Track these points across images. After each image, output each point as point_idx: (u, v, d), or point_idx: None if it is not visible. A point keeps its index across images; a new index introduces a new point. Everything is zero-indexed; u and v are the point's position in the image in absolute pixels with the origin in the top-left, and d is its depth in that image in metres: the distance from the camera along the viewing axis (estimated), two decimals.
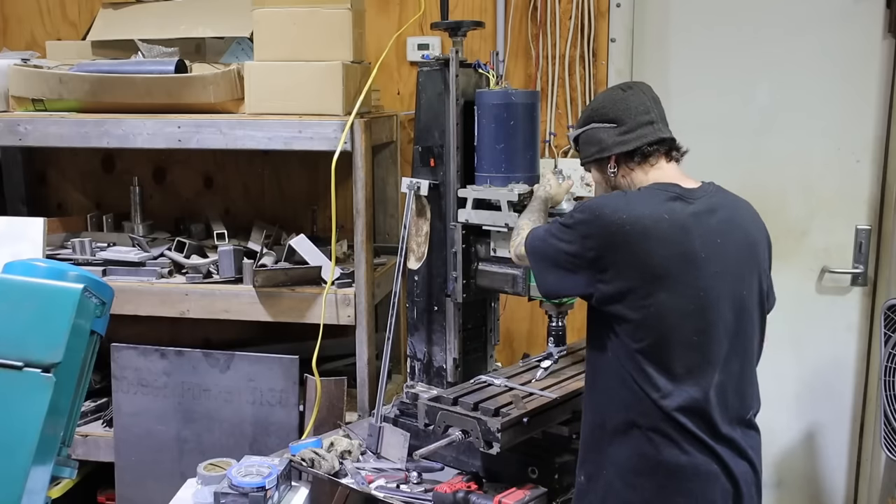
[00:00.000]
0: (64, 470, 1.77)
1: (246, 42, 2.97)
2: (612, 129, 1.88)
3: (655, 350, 1.73)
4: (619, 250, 1.72)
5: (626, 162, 1.88)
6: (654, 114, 1.90)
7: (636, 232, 1.71)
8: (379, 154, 3.19)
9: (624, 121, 1.87)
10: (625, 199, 1.79)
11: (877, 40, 3.01)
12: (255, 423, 2.83)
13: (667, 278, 1.71)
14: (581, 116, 1.98)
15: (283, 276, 2.79)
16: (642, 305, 1.72)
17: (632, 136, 1.86)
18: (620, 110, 1.88)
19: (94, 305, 1.75)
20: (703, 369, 1.75)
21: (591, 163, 1.95)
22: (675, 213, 1.75)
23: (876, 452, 3.08)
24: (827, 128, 3.08)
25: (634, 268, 1.72)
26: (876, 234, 3.10)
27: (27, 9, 3.50)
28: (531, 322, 3.29)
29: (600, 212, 1.75)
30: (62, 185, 3.54)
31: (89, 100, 2.82)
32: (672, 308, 1.72)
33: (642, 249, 1.71)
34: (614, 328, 1.77)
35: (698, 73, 3.16)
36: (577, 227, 1.78)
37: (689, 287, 1.72)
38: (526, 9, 3.14)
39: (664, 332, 1.72)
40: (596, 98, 1.98)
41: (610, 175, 1.90)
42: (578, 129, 1.96)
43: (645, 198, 1.79)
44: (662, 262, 1.71)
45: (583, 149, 1.96)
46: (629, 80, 1.94)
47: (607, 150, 1.88)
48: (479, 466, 2.29)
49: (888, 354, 2.71)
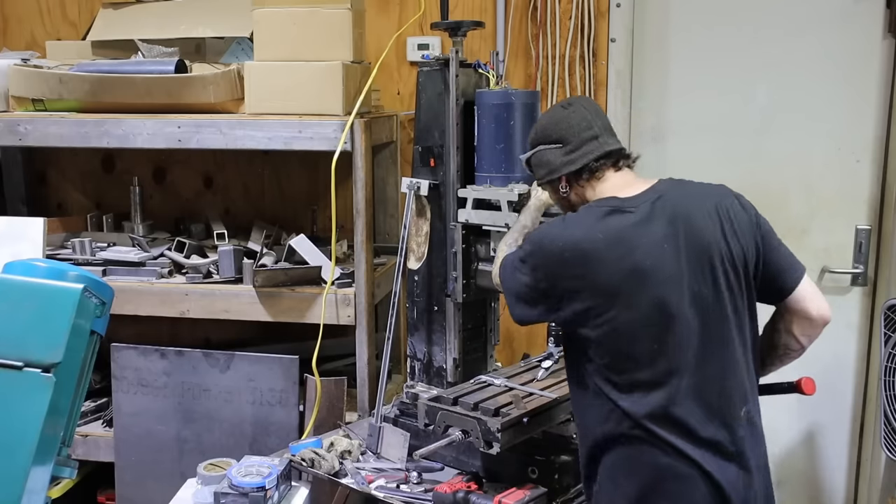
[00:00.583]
0: (64, 470, 1.77)
1: (246, 42, 2.97)
2: (558, 150, 1.89)
3: (618, 364, 1.75)
4: (564, 277, 1.75)
5: (576, 180, 1.89)
6: (597, 127, 1.90)
7: (576, 257, 1.74)
8: (379, 154, 3.18)
9: (569, 140, 1.88)
10: (562, 225, 1.82)
11: (877, 40, 3.01)
12: (255, 423, 2.83)
13: (616, 295, 1.72)
14: (529, 138, 1.99)
15: (283, 276, 2.79)
16: (598, 325, 1.74)
17: (577, 155, 1.87)
18: (563, 129, 1.89)
19: (94, 305, 1.75)
20: (669, 376, 1.73)
21: (545, 184, 1.96)
22: (611, 229, 1.75)
23: (876, 452, 3.08)
24: (827, 128, 3.08)
25: (583, 290, 1.74)
26: (876, 234, 3.10)
27: (27, 9, 3.50)
28: None
29: (541, 243, 1.80)
30: (62, 185, 3.54)
31: (89, 100, 2.82)
32: (627, 322, 1.73)
33: (586, 272, 1.73)
34: (580, 347, 1.79)
35: (698, 72, 3.15)
36: (528, 260, 1.82)
37: (641, 299, 1.72)
38: (526, 9, 3.14)
39: (622, 346, 1.74)
40: (539, 119, 2.00)
41: (563, 195, 1.92)
42: (528, 153, 1.97)
43: (580, 219, 1.80)
44: (608, 280, 1.72)
45: (535, 171, 1.97)
46: (569, 97, 1.92)
47: (556, 171, 1.90)
48: (479, 466, 2.29)
49: (888, 354, 2.71)
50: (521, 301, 1.86)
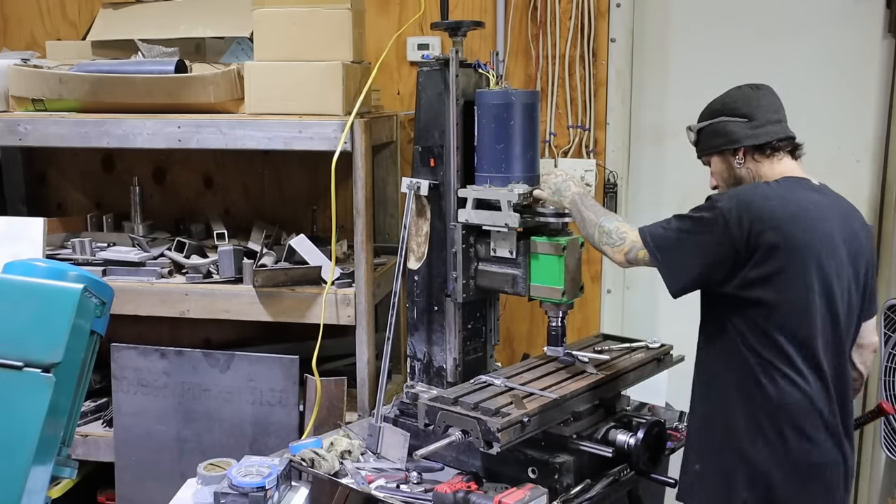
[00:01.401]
0: (64, 470, 1.77)
1: (246, 42, 2.97)
2: (743, 124, 2.00)
3: (791, 329, 1.87)
4: (769, 234, 1.84)
5: (754, 154, 2.00)
6: (782, 114, 2.04)
7: (786, 217, 1.85)
8: (379, 154, 3.18)
9: (756, 116, 2.00)
10: (767, 188, 1.93)
11: (877, 40, 3.01)
12: (255, 423, 2.83)
13: (807, 260, 1.86)
14: (706, 110, 2.09)
15: (283, 276, 2.79)
16: (783, 288, 1.85)
17: (763, 131, 1.99)
18: (753, 107, 2.01)
19: (94, 305, 1.75)
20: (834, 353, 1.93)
21: (715, 153, 2.06)
22: (815, 203, 1.92)
23: (876, 452, 3.08)
24: (827, 127, 3.08)
25: (782, 249, 1.84)
26: (876, 234, 3.10)
27: (27, 9, 3.50)
28: (531, 322, 3.29)
29: (750, 199, 1.88)
30: (62, 185, 3.54)
31: (89, 100, 2.82)
32: (808, 289, 1.86)
33: (790, 233, 1.85)
34: (748, 312, 1.88)
35: (698, 73, 3.16)
36: (728, 216, 1.86)
37: (823, 271, 1.88)
38: (526, 9, 3.14)
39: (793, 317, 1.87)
40: (726, 93, 2.08)
41: (736, 165, 2.02)
42: (706, 122, 2.07)
43: (786, 187, 1.93)
44: (806, 243, 1.86)
45: (706, 140, 2.07)
46: (755, 82, 2.10)
47: (737, 142, 2.01)
48: (479, 466, 2.30)
49: (888, 354, 2.72)
50: (696, 259, 1.90)
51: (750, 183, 2.00)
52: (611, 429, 2.27)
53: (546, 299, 2.30)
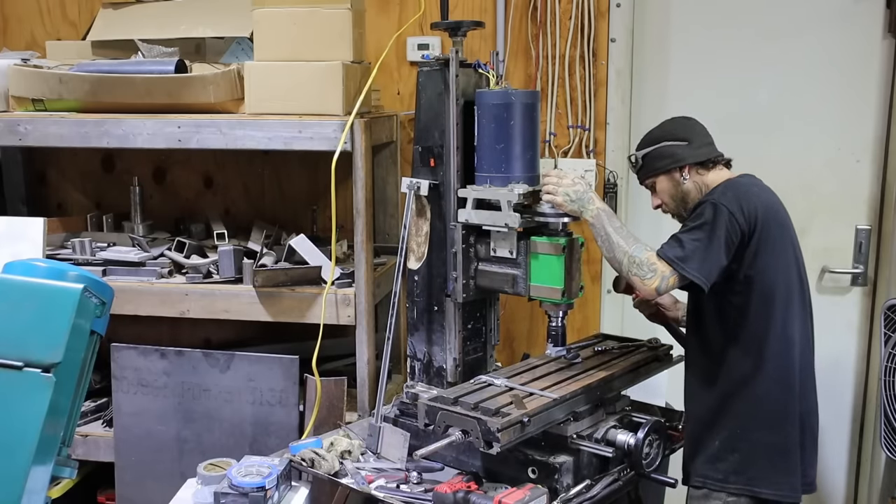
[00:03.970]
0: (64, 470, 1.77)
1: (246, 42, 2.97)
2: (684, 146, 2.27)
3: (783, 296, 2.18)
4: (761, 214, 2.13)
5: (698, 169, 2.28)
6: (711, 139, 2.34)
7: (768, 202, 2.19)
8: (379, 154, 3.18)
9: (693, 139, 2.29)
10: (744, 182, 2.23)
11: (877, 40, 3.01)
12: (255, 423, 2.83)
13: (788, 232, 2.22)
14: (645, 139, 2.34)
15: (283, 276, 2.79)
16: (774, 257, 2.16)
17: (702, 151, 2.28)
18: (690, 131, 2.31)
19: (94, 305, 1.75)
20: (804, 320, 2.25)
21: (661, 173, 2.30)
22: (770, 190, 2.26)
23: (876, 452, 3.08)
24: (827, 128, 3.08)
25: (772, 226, 2.15)
26: (876, 234, 3.10)
27: (27, 9, 3.50)
28: (531, 322, 3.29)
29: (742, 192, 2.16)
30: (62, 185, 3.54)
31: (89, 100, 2.82)
32: (789, 258, 2.21)
33: (774, 211, 2.19)
34: (746, 292, 2.16)
35: (698, 73, 3.16)
36: (731, 207, 2.11)
37: (795, 242, 2.25)
38: (526, 9, 3.14)
39: (779, 292, 2.17)
40: (661, 125, 2.36)
41: (682, 181, 2.27)
42: (648, 148, 2.31)
43: (748, 179, 2.26)
44: (784, 221, 2.22)
45: (650, 164, 2.31)
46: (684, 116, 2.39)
47: (682, 161, 2.27)
48: (479, 466, 2.30)
49: (888, 354, 2.71)
50: (718, 255, 2.10)
51: (699, 196, 2.25)
52: (611, 429, 2.27)
53: (546, 299, 2.30)
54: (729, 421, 2.21)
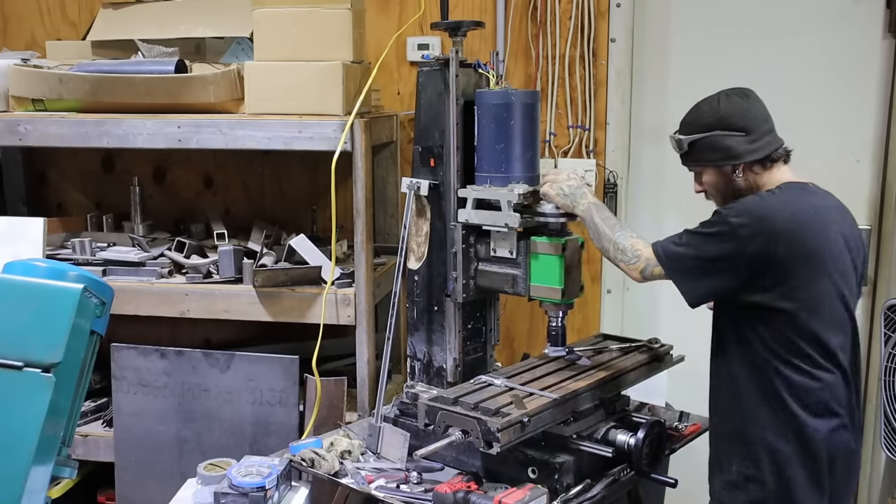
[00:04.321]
0: (64, 470, 1.77)
1: (246, 42, 2.97)
2: (741, 138, 2.00)
3: (811, 333, 1.91)
4: (783, 245, 1.88)
5: (753, 167, 2.02)
6: (771, 120, 2.04)
7: (797, 228, 1.89)
8: (379, 154, 3.18)
9: (752, 129, 2.01)
10: (775, 199, 1.95)
11: (877, 40, 3.01)
12: (255, 423, 2.83)
13: (820, 266, 1.91)
14: (697, 122, 2.06)
15: (283, 276, 2.79)
16: (796, 298, 1.90)
17: (761, 144, 2.01)
18: (749, 119, 2.01)
19: (94, 305, 1.75)
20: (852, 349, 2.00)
21: (712, 167, 2.05)
22: (817, 207, 1.96)
23: (876, 452, 3.08)
24: (827, 128, 3.08)
25: (796, 260, 1.88)
26: (876, 234, 3.10)
27: (27, 9, 3.50)
28: (531, 322, 3.29)
29: (762, 214, 1.91)
30: (62, 185, 3.54)
31: (89, 100, 2.82)
32: (825, 293, 1.92)
33: (801, 243, 1.89)
34: (764, 323, 1.92)
35: (698, 72, 3.15)
36: (740, 231, 1.90)
37: (835, 275, 1.93)
38: (526, 9, 3.14)
39: (810, 323, 1.91)
40: (717, 105, 2.05)
41: (735, 179, 2.03)
42: (698, 135, 2.04)
43: (790, 196, 1.96)
44: (817, 250, 1.91)
45: (700, 153, 2.05)
46: (739, 87, 2.09)
47: (738, 158, 2.01)
48: (479, 466, 2.29)
49: (888, 354, 2.71)
50: (707, 276, 1.94)
51: (751, 194, 2.02)
52: (611, 429, 2.27)
53: (546, 299, 2.30)
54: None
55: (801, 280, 1.89)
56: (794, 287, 1.89)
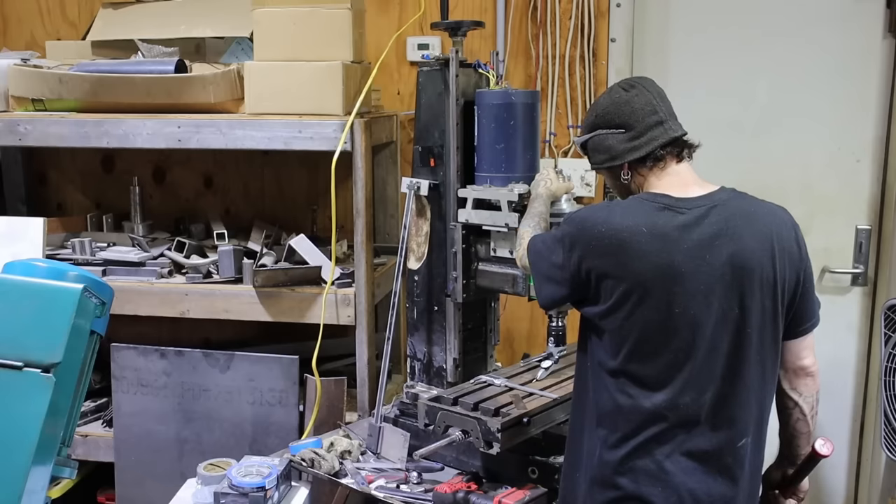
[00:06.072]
0: (64, 470, 1.77)
1: (246, 42, 2.97)
2: (620, 136, 1.81)
3: (629, 360, 1.72)
4: (599, 261, 1.71)
5: (639, 167, 1.82)
6: (662, 112, 1.81)
7: (615, 244, 1.69)
8: (379, 154, 3.18)
9: (632, 125, 1.80)
10: (607, 210, 1.76)
11: (877, 40, 3.01)
12: (255, 423, 2.83)
13: (646, 291, 1.68)
14: (585, 121, 1.92)
15: (283, 276, 2.79)
16: (619, 317, 1.71)
17: (642, 141, 1.79)
18: (626, 114, 1.80)
19: (94, 305, 1.74)
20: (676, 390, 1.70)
21: (602, 169, 1.90)
22: (658, 226, 1.69)
23: (876, 452, 3.08)
24: (827, 128, 3.08)
25: (614, 279, 1.70)
26: (876, 234, 3.10)
27: (27, 9, 3.50)
28: (531, 322, 3.29)
29: (582, 224, 1.76)
30: (62, 185, 3.54)
31: (89, 100, 2.82)
32: (649, 322, 1.69)
33: (622, 261, 1.69)
34: (596, 338, 1.80)
35: (698, 72, 3.15)
36: (564, 240, 1.79)
37: (665, 302, 1.68)
38: (526, 9, 3.14)
39: (638, 344, 1.70)
40: (598, 102, 1.89)
41: (624, 181, 1.85)
42: (584, 136, 1.90)
43: (629, 209, 1.75)
44: (641, 273, 1.67)
45: (591, 155, 1.90)
46: (630, 77, 1.93)
47: (619, 158, 1.82)
48: (479, 466, 2.29)
49: (888, 354, 2.71)
50: (551, 281, 1.82)
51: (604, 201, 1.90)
52: None
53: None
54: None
55: (619, 301, 1.70)
56: (613, 308, 1.71)
